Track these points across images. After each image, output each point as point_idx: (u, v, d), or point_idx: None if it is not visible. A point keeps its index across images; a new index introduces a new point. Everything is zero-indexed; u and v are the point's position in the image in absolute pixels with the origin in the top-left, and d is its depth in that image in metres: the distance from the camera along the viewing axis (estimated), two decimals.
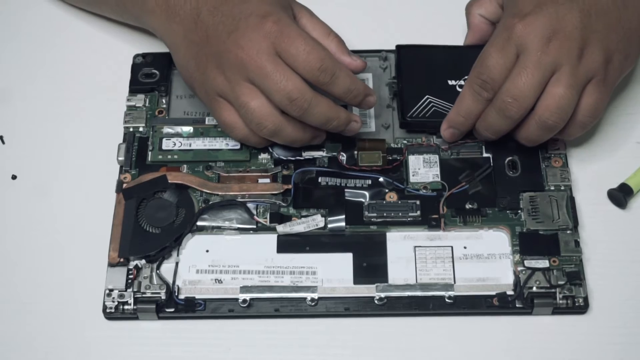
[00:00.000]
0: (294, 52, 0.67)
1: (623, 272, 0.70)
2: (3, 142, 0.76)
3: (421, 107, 0.74)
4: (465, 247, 0.70)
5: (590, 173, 0.74)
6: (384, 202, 0.71)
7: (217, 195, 0.72)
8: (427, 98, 0.74)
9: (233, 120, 0.69)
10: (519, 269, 0.68)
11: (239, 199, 0.72)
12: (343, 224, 0.71)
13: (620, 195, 0.72)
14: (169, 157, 0.74)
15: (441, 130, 0.72)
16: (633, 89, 0.78)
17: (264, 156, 0.74)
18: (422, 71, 0.76)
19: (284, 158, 0.73)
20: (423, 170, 0.73)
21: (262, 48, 0.67)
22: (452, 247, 0.70)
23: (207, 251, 0.70)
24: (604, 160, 0.74)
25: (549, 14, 0.68)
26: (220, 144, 0.74)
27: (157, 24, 0.73)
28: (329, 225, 0.71)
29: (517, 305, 0.68)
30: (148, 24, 0.75)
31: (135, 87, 0.77)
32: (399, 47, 0.78)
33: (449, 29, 0.81)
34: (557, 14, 0.68)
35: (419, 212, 0.71)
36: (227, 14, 0.69)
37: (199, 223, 0.71)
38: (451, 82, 0.75)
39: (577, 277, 0.68)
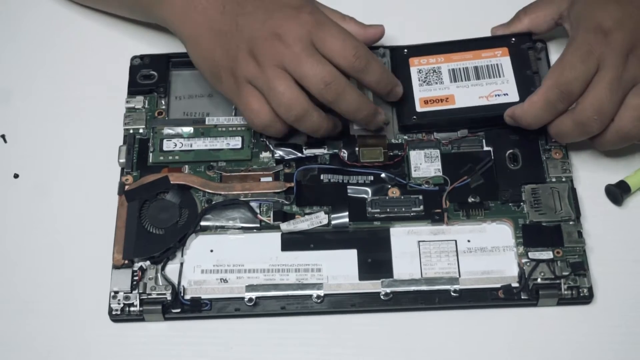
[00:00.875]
0: (330, 40, 0.68)
1: (626, 261, 0.70)
2: (5, 141, 0.76)
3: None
4: (469, 241, 0.70)
5: (590, 167, 0.74)
6: (387, 197, 0.72)
7: (220, 195, 0.72)
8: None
9: (258, 106, 0.69)
10: (523, 261, 0.69)
11: (242, 198, 0.72)
12: (346, 220, 0.71)
13: (617, 192, 0.72)
14: (170, 158, 0.74)
15: (504, 115, 0.72)
16: None
17: (265, 155, 0.74)
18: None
19: (286, 156, 0.74)
20: (424, 165, 0.73)
21: (300, 36, 0.68)
22: (455, 241, 0.70)
23: (212, 251, 0.70)
24: (604, 155, 0.75)
25: (629, 30, 0.69)
26: (221, 143, 0.74)
27: (173, 14, 0.73)
28: (333, 222, 0.71)
29: (522, 297, 0.68)
30: (161, 14, 0.74)
31: (133, 88, 0.77)
32: (392, 48, 0.78)
33: (445, 23, 0.81)
34: (636, 30, 0.69)
35: (421, 207, 0.71)
36: (256, 4, 0.70)
37: (203, 223, 0.71)
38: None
39: (581, 268, 0.68)
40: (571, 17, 0.73)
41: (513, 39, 0.77)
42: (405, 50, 0.77)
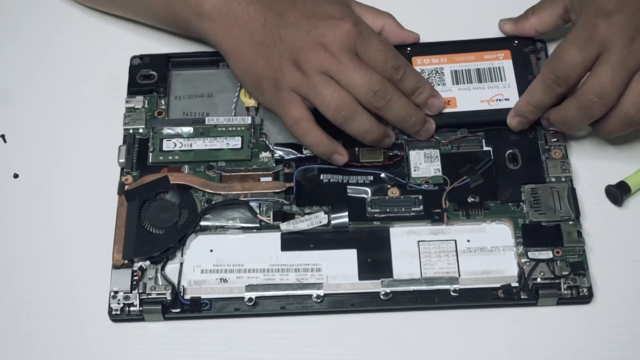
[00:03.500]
0: (373, 51, 0.70)
1: (626, 261, 0.70)
2: (5, 141, 0.76)
3: None
4: (468, 241, 0.70)
5: (589, 167, 0.74)
6: (387, 197, 0.72)
7: (220, 194, 0.72)
8: None
9: (300, 113, 0.70)
10: (523, 260, 0.69)
11: (242, 198, 0.72)
12: (346, 220, 0.71)
13: (617, 193, 0.72)
14: (170, 157, 0.74)
15: (508, 119, 0.73)
16: None
17: (265, 155, 0.74)
18: None
19: (285, 156, 0.74)
20: (424, 164, 0.73)
21: (345, 46, 0.69)
22: (455, 240, 0.70)
23: (212, 251, 0.70)
24: (604, 155, 0.75)
25: (631, 13, 0.69)
26: (221, 143, 0.74)
27: (214, 28, 0.73)
28: (332, 222, 0.71)
29: (522, 297, 0.68)
30: (201, 27, 0.74)
31: (133, 88, 0.77)
32: (395, 47, 0.77)
33: (448, 24, 0.81)
34: (639, 12, 0.69)
35: (421, 207, 0.71)
36: (297, 15, 0.71)
37: (203, 223, 0.71)
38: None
39: (580, 267, 0.68)
40: (574, 6, 0.73)
41: (515, 42, 0.77)
42: (408, 49, 0.77)
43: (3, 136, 0.77)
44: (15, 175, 0.75)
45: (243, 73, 0.73)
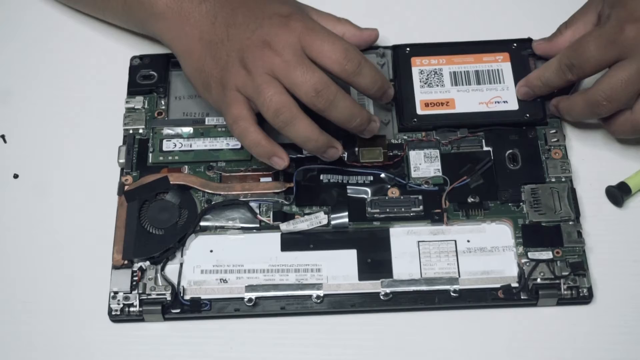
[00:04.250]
0: (319, 44, 0.68)
1: (626, 262, 0.70)
2: (5, 141, 0.76)
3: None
4: (468, 241, 0.70)
5: (590, 167, 0.74)
6: (387, 197, 0.72)
7: (220, 195, 0.72)
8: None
9: (240, 112, 0.68)
10: (523, 261, 0.69)
11: (242, 199, 0.72)
12: (346, 220, 0.71)
13: (617, 193, 0.72)
14: (170, 158, 0.74)
15: (517, 87, 0.74)
16: None
17: None
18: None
19: None
20: (424, 165, 0.73)
21: (289, 43, 0.68)
22: (455, 241, 0.70)
23: (211, 251, 0.70)
24: (604, 156, 0.75)
25: None
26: (221, 144, 0.74)
27: (166, 27, 0.73)
28: (332, 222, 0.71)
29: (522, 297, 0.68)
30: (155, 27, 0.74)
31: (133, 89, 0.77)
32: (394, 47, 0.78)
33: (447, 25, 0.81)
34: None
35: (421, 207, 0.71)
36: (247, 14, 0.70)
37: (202, 223, 0.71)
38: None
39: (580, 268, 0.68)
40: (606, 8, 0.72)
41: (514, 45, 0.77)
42: (408, 49, 0.77)
43: (3, 136, 0.77)
44: (15, 176, 0.75)
45: (192, 72, 0.72)
